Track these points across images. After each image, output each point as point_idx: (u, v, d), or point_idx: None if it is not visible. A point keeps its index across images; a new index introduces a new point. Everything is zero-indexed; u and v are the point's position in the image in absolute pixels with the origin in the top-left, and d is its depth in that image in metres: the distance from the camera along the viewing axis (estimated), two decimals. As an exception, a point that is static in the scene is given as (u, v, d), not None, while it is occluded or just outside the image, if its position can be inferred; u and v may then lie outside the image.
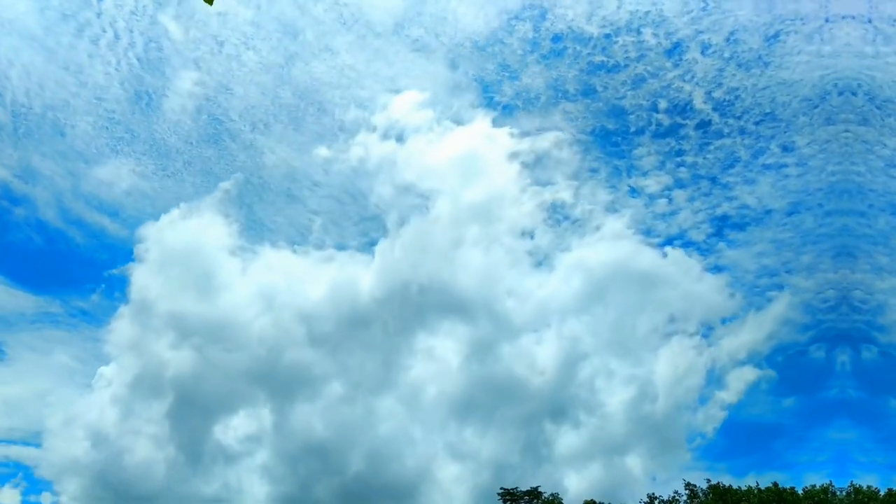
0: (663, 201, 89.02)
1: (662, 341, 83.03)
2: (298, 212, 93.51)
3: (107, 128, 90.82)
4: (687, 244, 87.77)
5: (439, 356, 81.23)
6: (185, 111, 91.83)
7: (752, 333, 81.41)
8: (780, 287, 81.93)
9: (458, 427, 78.51)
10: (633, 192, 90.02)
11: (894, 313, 69.84)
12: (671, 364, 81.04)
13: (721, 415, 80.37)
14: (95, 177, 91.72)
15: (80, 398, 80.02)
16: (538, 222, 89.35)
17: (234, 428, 76.58)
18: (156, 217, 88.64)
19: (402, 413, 77.84)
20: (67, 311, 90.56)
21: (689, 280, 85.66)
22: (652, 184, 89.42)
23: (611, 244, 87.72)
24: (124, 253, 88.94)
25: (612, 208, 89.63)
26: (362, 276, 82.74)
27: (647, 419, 78.04)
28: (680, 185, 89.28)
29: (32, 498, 75.62)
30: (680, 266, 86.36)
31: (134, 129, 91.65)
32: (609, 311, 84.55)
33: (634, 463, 74.90)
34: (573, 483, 72.30)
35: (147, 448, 72.96)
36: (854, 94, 74.64)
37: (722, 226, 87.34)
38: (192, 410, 75.77)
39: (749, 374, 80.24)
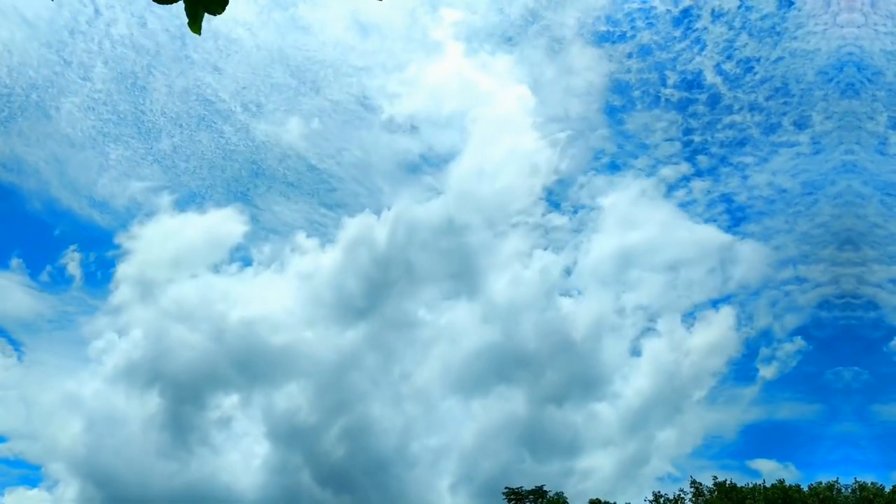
0: (671, 183, 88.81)
1: (690, 319, 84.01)
2: (297, 195, 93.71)
3: (93, 109, 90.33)
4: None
5: (449, 330, 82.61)
6: (173, 92, 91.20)
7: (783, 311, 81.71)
8: (797, 280, 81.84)
9: (469, 407, 79.86)
10: (641, 172, 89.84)
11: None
12: (702, 343, 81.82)
13: (743, 410, 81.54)
14: (83, 162, 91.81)
15: (80, 392, 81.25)
16: (553, 197, 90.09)
17: (231, 415, 78.58)
18: (147, 205, 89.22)
19: (405, 394, 79.20)
20: (63, 307, 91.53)
21: (713, 252, 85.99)
22: (660, 165, 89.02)
23: (619, 226, 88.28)
24: (117, 245, 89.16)
25: (619, 188, 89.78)
26: (367, 251, 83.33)
27: (669, 402, 79.23)
28: (694, 168, 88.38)
29: (36, 494, 77.54)
30: (702, 240, 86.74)
31: (121, 110, 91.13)
32: (630, 288, 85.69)
33: (655, 450, 76.28)
34: (593, 464, 73.65)
35: (147, 441, 74.85)
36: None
37: (732, 210, 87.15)
38: (191, 400, 77.46)
39: (789, 348, 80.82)
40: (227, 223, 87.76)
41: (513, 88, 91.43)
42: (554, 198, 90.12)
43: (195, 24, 5.38)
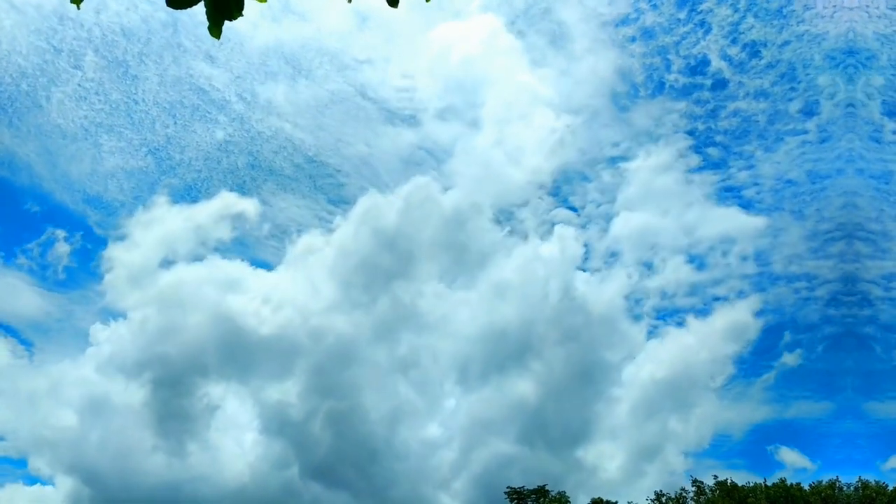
0: (679, 171, 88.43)
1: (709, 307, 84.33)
2: (294, 186, 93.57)
3: (85, 98, 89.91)
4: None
5: (456, 318, 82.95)
6: (164, 82, 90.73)
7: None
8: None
9: (473, 396, 79.72)
10: (648, 160, 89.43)
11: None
12: (718, 330, 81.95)
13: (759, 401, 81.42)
14: (76, 154, 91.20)
15: (76, 388, 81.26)
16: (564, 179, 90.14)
17: (225, 406, 78.89)
18: (141, 197, 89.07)
19: (408, 384, 79.20)
20: (69, 304, 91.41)
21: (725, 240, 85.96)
22: (666, 153, 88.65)
23: (629, 212, 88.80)
24: (111, 237, 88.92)
25: (626, 176, 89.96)
26: (370, 236, 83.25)
27: (684, 391, 79.36)
28: (702, 157, 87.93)
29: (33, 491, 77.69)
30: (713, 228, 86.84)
31: (113, 99, 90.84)
32: (641, 274, 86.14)
33: (669, 440, 76.38)
34: (604, 456, 73.65)
35: (144, 431, 75.08)
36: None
37: (741, 201, 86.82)
38: (185, 391, 77.55)
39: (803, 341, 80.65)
40: (222, 214, 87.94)
41: (516, 74, 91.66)
42: (562, 187, 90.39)
43: (216, 29, 5.50)
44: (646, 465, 73.26)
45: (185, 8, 5.53)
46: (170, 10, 5.28)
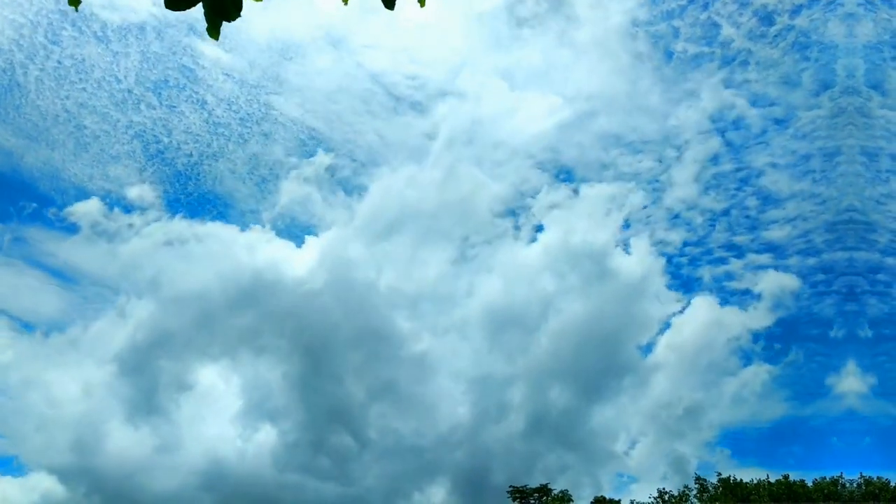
0: (695, 156, 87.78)
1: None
2: (292, 169, 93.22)
3: (65, 77, 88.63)
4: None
5: (464, 300, 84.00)
6: (147, 58, 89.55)
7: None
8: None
9: (476, 387, 79.90)
10: (656, 142, 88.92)
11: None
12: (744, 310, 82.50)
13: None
14: (58, 139, 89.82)
15: (69, 383, 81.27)
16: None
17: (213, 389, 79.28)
18: (128, 183, 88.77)
19: (410, 375, 79.55)
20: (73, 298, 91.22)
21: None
22: (674, 136, 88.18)
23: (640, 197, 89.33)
24: (104, 229, 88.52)
25: (634, 162, 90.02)
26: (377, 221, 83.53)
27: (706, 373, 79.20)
28: (714, 139, 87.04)
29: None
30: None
31: (94, 76, 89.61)
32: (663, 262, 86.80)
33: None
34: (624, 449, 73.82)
35: (138, 422, 75.46)
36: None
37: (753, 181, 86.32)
38: (176, 380, 77.89)
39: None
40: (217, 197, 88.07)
41: (520, 52, 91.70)
42: (574, 170, 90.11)
43: (214, 30, 5.69)
44: (669, 450, 73.97)
45: (184, 10, 5.72)
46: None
